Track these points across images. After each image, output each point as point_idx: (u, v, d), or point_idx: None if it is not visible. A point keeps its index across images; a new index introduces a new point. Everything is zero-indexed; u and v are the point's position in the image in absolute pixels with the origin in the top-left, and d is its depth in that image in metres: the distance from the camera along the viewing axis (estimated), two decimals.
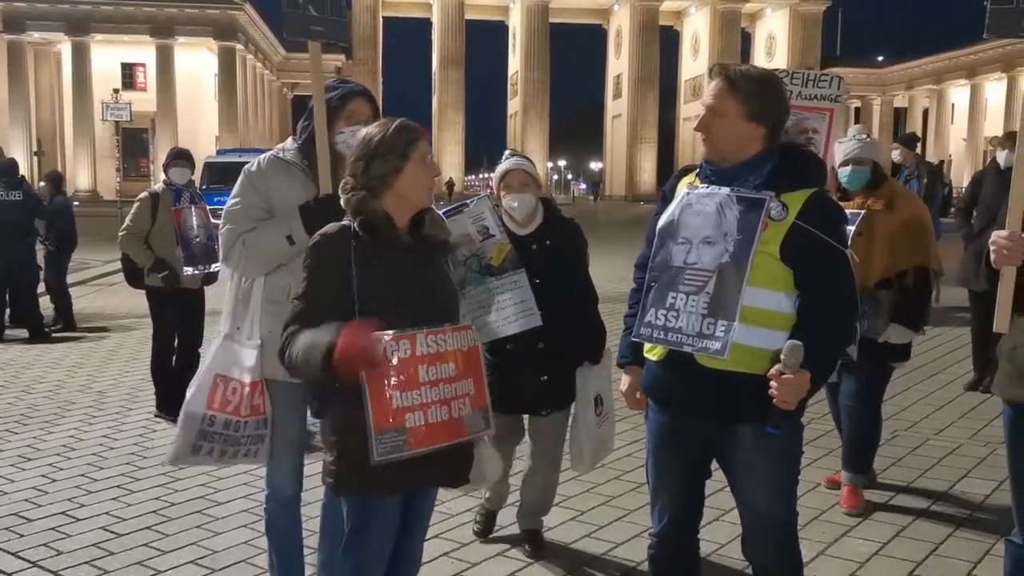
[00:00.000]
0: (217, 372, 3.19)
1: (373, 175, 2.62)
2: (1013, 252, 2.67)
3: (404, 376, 2.50)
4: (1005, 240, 2.69)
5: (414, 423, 2.50)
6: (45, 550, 4.26)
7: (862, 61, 66.51)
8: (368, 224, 2.61)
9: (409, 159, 2.64)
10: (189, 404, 3.19)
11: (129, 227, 6.81)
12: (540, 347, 3.90)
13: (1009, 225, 2.74)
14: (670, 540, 2.93)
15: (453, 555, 4.20)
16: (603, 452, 4.15)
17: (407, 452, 2.50)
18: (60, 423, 6.55)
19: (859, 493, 4.82)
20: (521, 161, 4.08)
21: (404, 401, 2.49)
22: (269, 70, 61.70)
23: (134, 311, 11.92)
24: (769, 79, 2.73)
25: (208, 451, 3.21)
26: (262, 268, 3.25)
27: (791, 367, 2.49)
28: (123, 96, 32.35)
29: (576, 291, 4.02)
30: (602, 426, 4.02)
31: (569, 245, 4.08)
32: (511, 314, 3.78)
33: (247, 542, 4.35)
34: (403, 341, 2.49)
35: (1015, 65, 48.56)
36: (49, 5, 47.54)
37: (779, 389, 2.51)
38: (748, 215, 2.62)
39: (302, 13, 3.37)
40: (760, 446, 2.67)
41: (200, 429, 3.18)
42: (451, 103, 58.46)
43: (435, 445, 2.54)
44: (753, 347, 2.61)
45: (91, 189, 47.07)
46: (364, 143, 2.67)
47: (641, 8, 59.43)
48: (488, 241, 3.80)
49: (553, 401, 4.02)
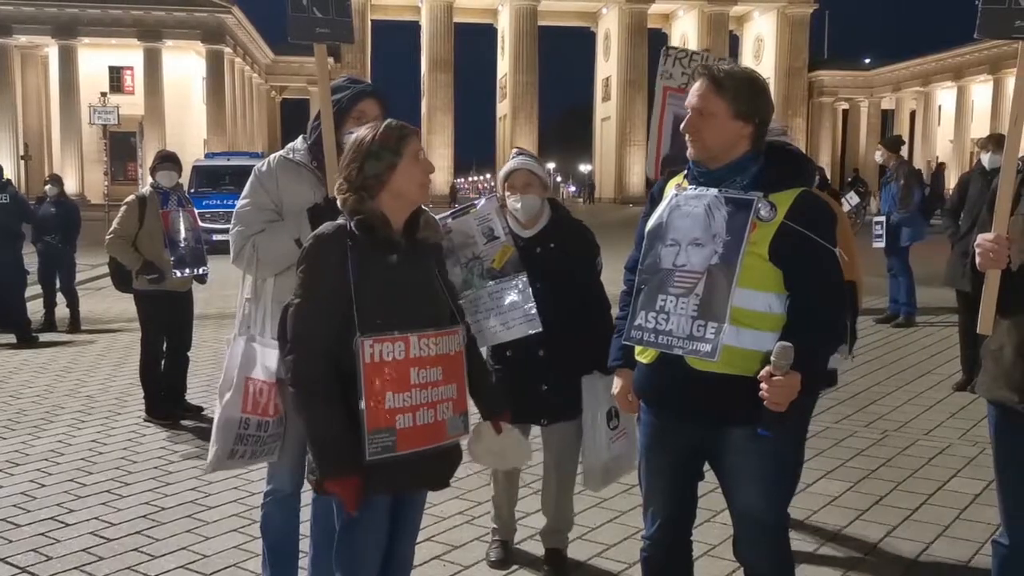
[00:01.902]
0: (246, 375, 3.17)
1: (368, 174, 2.63)
2: (998, 255, 2.68)
3: (397, 377, 2.54)
4: (990, 243, 2.69)
5: (403, 424, 2.55)
6: (34, 556, 4.24)
7: (849, 63, 66.68)
8: (365, 223, 2.61)
9: (402, 155, 2.65)
10: (226, 410, 3.15)
11: (116, 230, 6.79)
12: (541, 354, 3.78)
13: (994, 228, 2.73)
14: (663, 543, 2.93)
15: (445, 558, 4.19)
16: (619, 470, 3.88)
17: (396, 453, 2.55)
18: (48, 428, 6.51)
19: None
20: (527, 160, 3.88)
21: (396, 402, 2.54)
22: (257, 73, 61.54)
23: (122, 315, 11.87)
24: (753, 77, 2.74)
25: (242, 454, 3.20)
26: (272, 269, 3.26)
27: (781, 368, 2.48)
28: (110, 100, 32.28)
29: (584, 297, 3.84)
30: (616, 441, 3.78)
31: (576, 248, 3.91)
32: (511, 319, 3.66)
33: (238, 546, 4.33)
34: (398, 343, 2.53)
35: (1001, 67, 48.76)
36: (36, 8, 47.30)
37: (769, 391, 2.51)
38: (736, 216, 2.62)
39: (307, 16, 3.35)
40: (751, 448, 2.66)
41: (237, 433, 3.16)
42: (440, 106, 58.42)
43: (421, 447, 2.60)
44: (743, 349, 2.60)
45: (79, 193, 46.68)
46: (356, 145, 2.68)
47: (629, 11, 59.53)
48: (492, 243, 3.68)
49: (553, 411, 3.86)
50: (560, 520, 4.09)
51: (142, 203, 6.81)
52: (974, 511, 4.77)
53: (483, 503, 4.66)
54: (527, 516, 4.49)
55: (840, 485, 5.17)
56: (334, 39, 3.42)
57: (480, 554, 4.21)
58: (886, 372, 8.21)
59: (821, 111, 65.25)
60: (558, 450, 3.99)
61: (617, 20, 61.03)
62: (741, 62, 24.28)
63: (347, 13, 3.47)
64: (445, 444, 2.69)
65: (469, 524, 4.59)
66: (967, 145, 51.65)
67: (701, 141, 2.71)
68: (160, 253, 6.70)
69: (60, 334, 10.70)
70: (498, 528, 4.19)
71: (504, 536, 4.19)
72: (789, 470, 2.83)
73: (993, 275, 2.72)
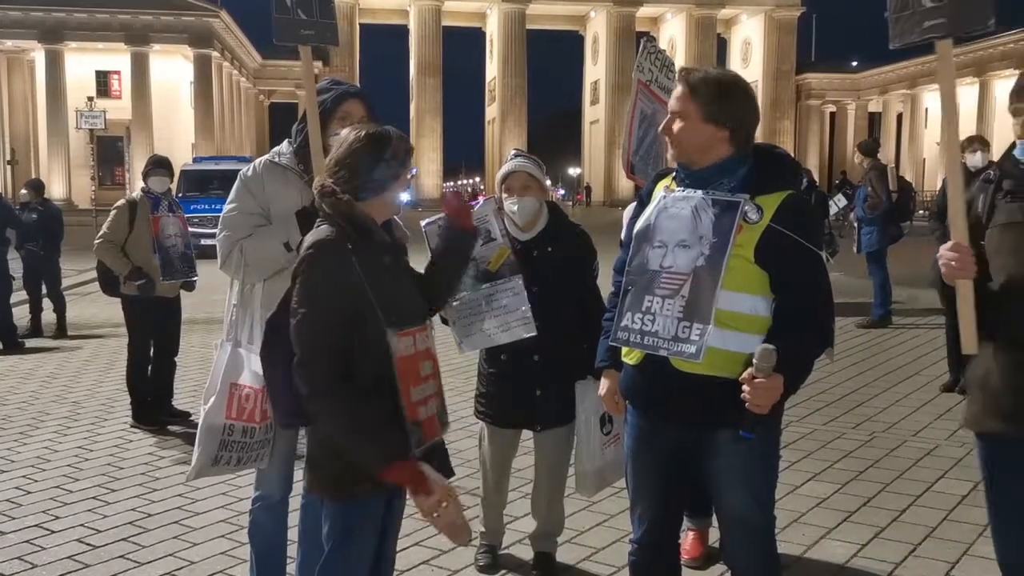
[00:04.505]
0: (231, 381, 3.16)
1: (376, 178, 2.62)
2: (961, 264, 2.51)
3: (415, 372, 2.62)
4: (951, 252, 2.53)
5: (424, 415, 2.64)
6: (19, 563, 4.21)
7: (836, 66, 66.90)
8: (362, 226, 2.60)
9: (405, 167, 2.68)
10: (208, 416, 3.15)
11: (106, 234, 6.76)
12: (536, 359, 3.77)
13: (954, 236, 2.56)
14: (650, 546, 2.92)
15: (433, 563, 4.18)
16: (612, 476, 3.85)
17: (426, 444, 2.62)
18: (34, 434, 6.47)
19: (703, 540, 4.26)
20: (524, 163, 3.84)
21: (416, 396, 2.62)
22: (245, 77, 61.35)
23: (108, 320, 11.81)
24: (728, 82, 2.72)
25: (227, 460, 3.19)
26: (260, 274, 3.26)
27: (763, 371, 2.48)
28: (98, 104, 32.07)
29: (581, 301, 3.82)
30: (609, 447, 3.77)
31: (573, 253, 3.89)
32: (505, 322, 3.63)
33: (226, 552, 4.31)
34: (408, 337, 2.60)
35: (986, 70, 49.08)
36: (22, 13, 47.02)
37: (751, 394, 2.50)
38: (723, 218, 2.62)
39: (291, 18, 3.35)
40: (736, 451, 2.65)
41: (221, 440, 3.15)
42: (429, 109, 58.35)
43: (433, 440, 2.67)
44: (728, 351, 2.60)
45: (66, 198, 46.50)
46: (349, 148, 2.64)
47: (617, 15, 59.59)
48: (489, 245, 3.65)
49: (547, 416, 3.85)
50: (551, 524, 4.09)
51: (132, 207, 6.78)
52: (961, 512, 4.78)
53: (471, 507, 4.63)
54: (515, 520, 4.48)
55: (828, 487, 5.18)
56: (319, 41, 3.41)
57: (468, 559, 4.19)
58: (874, 374, 8.23)
59: (809, 114, 65.45)
60: (551, 455, 3.98)
61: (605, 24, 61.09)
62: (729, 65, 24.32)
63: (331, 15, 3.47)
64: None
65: None
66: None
67: (677, 143, 2.74)
68: (149, 258, 6.67)
69: (46, 340, 10.64)
70: (486, 532, 4.17)
71: (492, 540, 4.18)
72: (773, 470, 2.84)
73: (965, 287, 2.53)
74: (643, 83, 4.25)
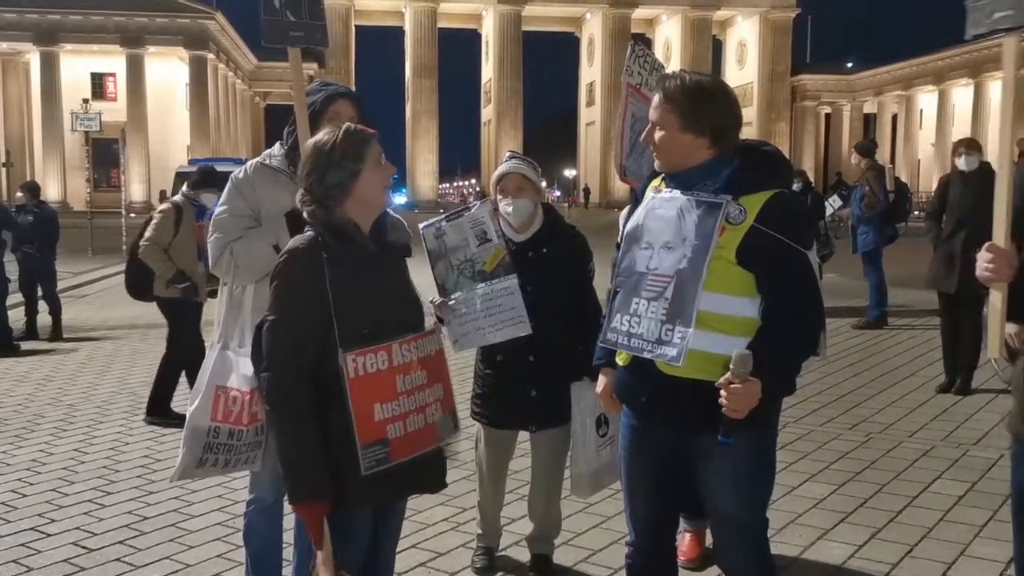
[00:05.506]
0: (216, 383, 3.16)
1: (331, 183, 2.56)
2: (997, 267, 2.43)
3: (383, 388, 2.53)
4: (987, 254, 2.44)
5: (395, 434, 2.55)
6: (15, 567, 4.19)
7: (832, 68, 67.04)
8: (340, 233, 2.56)
9: (365, 162, 2.59)
10: (193, 418, 3.14)
11: (152, 237, 6.81)
12: (531, 359, 3.77)
13: (995, 238, 2.46)
14: (647, 548, 2.92)
15: (430, 565, 4.17)
16: (608, 478, 3.85)
17: (391, 463, 2.53)
18: (29, 437, 6.45)
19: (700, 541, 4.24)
20: (519, 164, 3.86)
21: (384, 413, 2.53)
22: (241, 79, 61.31)
23: (104, 323, 11.82)
24: (700, 90, 2.66)
25: (213, 462, 3.18)
26: (251, 276, 3.24)
27: (739, 376, 2.45)
28: (93, 106, 31.92)
29: (576, 302, 3.83)
30: (605, 448, 3.75)
31: (568, 254, 3.89)
32: (499, 321, 3.63)
33: (221, 555, 4.30)
34: (380, 353, 2.52)
35: (981, 71, 49.18)
36: (17, 15, 46.96)
37: (728, 398, 2.48)
38: (705, 219, 2.60)
39: (280, 20, 3.34)
40: (725, 453, 2.62)
41: (206, 442, 3.14)
42: (424, 111, 58.34)
43: (416, 453, 2.59)
44: (711, 353, 2.57)
45: (61, 200, 46.42)
46: (314, 154, 2.60)
47: (613, 16, 59.64)
48: (484, 246, 3.66)
49: (542, 417, 3.86)
50: (548, 526, 4.09)
51: (178, 212, 6.85)
52: (958, 512, 4.78)
53: (468, 509, 4.64)
54: (512, 522, 4.48)
55: (824, 488, 5.18)
56: (308, 43, 3.40)
57: (465, 561, 4.19)
58: (870, 375, 8.24)
59: (804, 115, 65.55)
60: (547, 456, 3.98)
61: (601, 25, 61.14)
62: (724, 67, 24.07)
63: (321, 16, 3.45)
64: (438, 447, 2.71)
65: (454, 531, 4.56)
66: (948, 148, 51.92)
67: (659, 152, 2.74)
68: (193, 264, 6.72)
69: (42, 342, 10.61)
70: (483, 534, 4.17)
71: (489, 543, 4.17)
72: (764, 472, 2.80)
73: (999, 290, 2.43)
74: (632, 86, 4.25)
